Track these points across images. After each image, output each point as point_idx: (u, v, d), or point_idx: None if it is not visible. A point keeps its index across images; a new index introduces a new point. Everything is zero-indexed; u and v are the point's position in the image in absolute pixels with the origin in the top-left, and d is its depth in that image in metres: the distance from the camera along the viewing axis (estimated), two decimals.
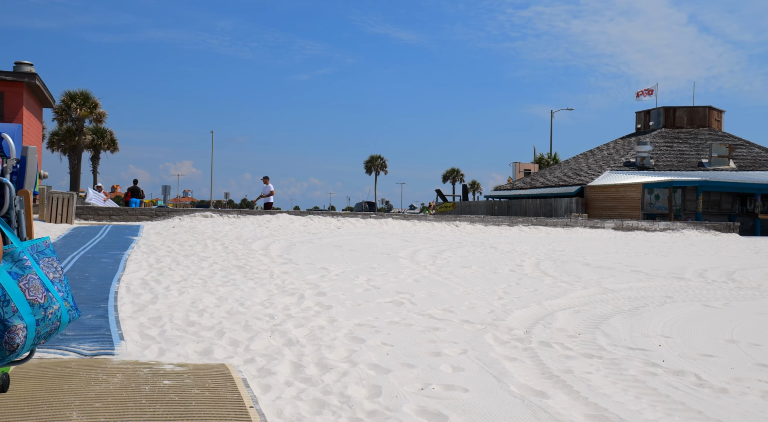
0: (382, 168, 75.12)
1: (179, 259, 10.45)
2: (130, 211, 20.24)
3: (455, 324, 6.45)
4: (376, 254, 12.76)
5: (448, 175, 79.98)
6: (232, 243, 13.27)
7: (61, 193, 16.36)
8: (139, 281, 8.20)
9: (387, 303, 7.46)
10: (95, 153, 50.55)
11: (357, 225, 20.75)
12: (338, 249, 13.21)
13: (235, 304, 7.03)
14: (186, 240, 13.16)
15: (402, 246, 14.78)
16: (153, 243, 12.53)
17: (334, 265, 10.68)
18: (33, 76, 27.59)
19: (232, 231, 16.33)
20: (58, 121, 40.70)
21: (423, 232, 19.91)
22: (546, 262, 12.61)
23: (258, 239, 14.40)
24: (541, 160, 52.26)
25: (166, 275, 8.79)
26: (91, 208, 19.92)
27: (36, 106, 31.88)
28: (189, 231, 15.35)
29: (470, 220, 23.37)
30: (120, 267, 9.18)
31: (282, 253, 11.96)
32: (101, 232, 14.13)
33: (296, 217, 21.14)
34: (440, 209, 45.45)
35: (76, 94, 38.06)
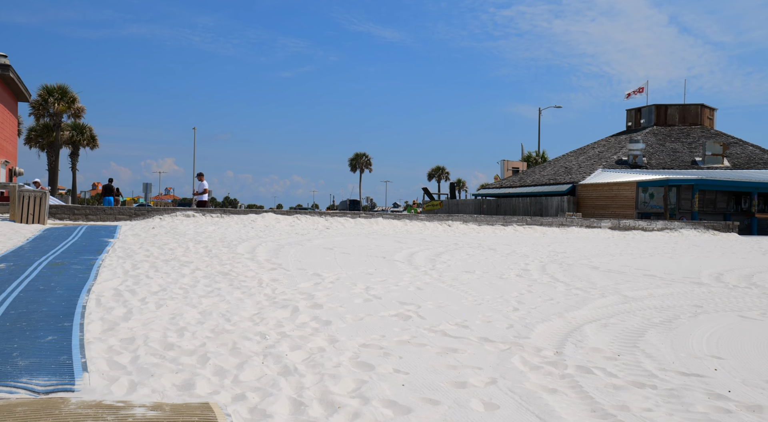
0: (367, 166, 74.23)
1: (158, 265, 9.54)
2: (108, 210, 19.23)
3: (474, 343, 5.64)
4: (371, 257, 11.93)
5: (433, 173, 79.25)
6: (216, 245, 12.36)
7: (32, 190, 15.33)
8: (112, 292, 7.30)
9: (392, 317, 6.64)
10: (74, 149, 49.15)
11: (346, 226, 19.90)
12: (330, 252, 12.36)
13: (220, 320, 6.17)
14: (166, 243, 12.23)
15: (397, 248, 13.96)
16: (130, 246, 11.59)
17: (328, 271, 9.83)
18: (6, 67, 26.39)
19: (215, 232, 15.41)
20: (35, 116, 39.35)
21: (415, 233, 19.10)
22: (552, 266, 11.86)
23: (243, 241, 13.50)
24: (529, 158, 51.71)
25: (143, 284, 7.89)
26: (66, 207, 18.89)
27: (10, 100, 30.63)
28: (170, 233, 14.41)
29: (463, 220, 22.61)
30: (92, 275, 8.26)
31: (270, 257, 11.08)
32: (75, 234, 13.15)
33: (282, 217, 20.24)
34: (427, 207, 44.69)
35: (54, 89, 36.76)
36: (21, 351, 4.68)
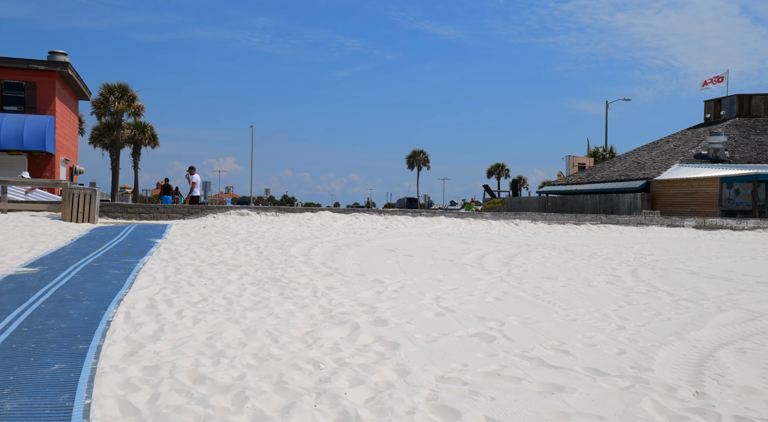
0: (425, 163, 72.85)
1: (203, 269, 8.62)
2: (162, 208, 18.68)
3: (582, 376, 4.40)
4: (437, 260, 10.75)
5: (492, 171, 77.19)
6: (269, 246, 11.41)
7: (82, 187, 14.80)
8: (146, 302, 6.36)
9: (472, 338, 5.46)
10: (135, 148, 49.67)
11: (407, 225, 18.75)
12: (391, 255, 11.24)
13: (266, 340, 5.12)
14: (215, 244, 11.36)
15: (464, 249, 12.73)
16: (177, 247, 10.76)
17: (390, 277, 8.71)
18: (65, 65, 26.37)
19: (269, 231, 14.51)
20: (96, 115, 39.77)
21: (481, 232, 17.79)
22: (643, 271, 10.41)
23: (298, 241, 12.53)
24: (596, 153, 49.28)
25: (183, 293, 6.94)
26: (119, 206, 18.43)
27: (70, 98, 30.79)
28: (221, 233, 13.58)
29: (531, 218, 21.14)
30: (127, 281, 7.37)
31: (326, 260, 10.04)
32: (122, 234, 12.46)
33: (340, 215, 19.26)
34: (488, 205, 43.12)
35: (114, 87, 36.98)
36: (15, 387, 3.72)
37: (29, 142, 24.63)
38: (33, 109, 26.19)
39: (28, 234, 11.83)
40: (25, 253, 9.53)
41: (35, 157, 26.18)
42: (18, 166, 26.21)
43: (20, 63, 25.77)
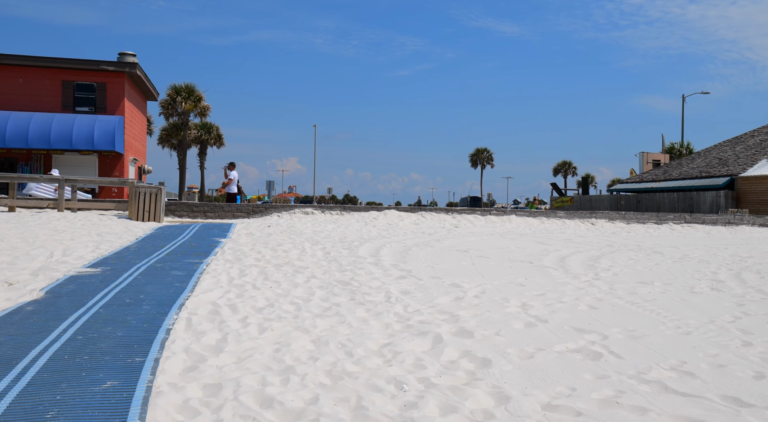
0: (488, 161, 71.41)
1: (269, 271, 8.14)
2: (227, 207, 18.51)
3: (722, 407, 3.63)
4: (515, 262, 9.98)
5: (559, 169, 74.95)
6: (335, 246, 10.90)
7: (148, 186, 14.70)
8: (209, 308, 5.89)
9: (573, 354, 4.73)
10: (202, 148, 50.50)
11: (476, 224, 17.96)
12: (465, 256, 10.54)
13: (340, 354, 4.53)
14: (281, 244, 10.92)
15: (541, 250, 11.89)
16: (241, 247, 10.36)
17: (468, 280, 8.02)
18: (134, 65, 26.74)
19: (334, 231, 14.02)
20: (164, 116, 40.51)
21: (556, 232, 16.83)
22: (748, 275, 9.37)
23: (365, 241, 11.97)
24: (671, 149, 46.92)
25: (248, 297, 6.45)
26: (185, 204, 18.37)
27: (139, 99, 31.31)
28: (286, 232, 13.17)
29: (608, 217, 19.98)
30: (190, 284, 6.95)
31: (397, 262, 9.43)
32: (186, 233, 12.19)
33: (406, 214, 18.64)
34: (557, 204, 41.67)
35: (181, 88, 37.54)
36: (61, 409, 3.25)
37: (99, 142, 25.07)
38: (103, 109, 26.68)
39: (95, 233, 11.70)
40: (90, 253, 9.31)
41: (105, 157, 26.67)
42: (89, 165, 26.76)
43: (91, 64, 26.29)
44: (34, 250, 9.24)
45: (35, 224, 12.57)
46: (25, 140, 24.63)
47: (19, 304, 5.86)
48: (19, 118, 24.96)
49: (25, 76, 26.20)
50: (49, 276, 7.36)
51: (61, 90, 26.43)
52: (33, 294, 6.33)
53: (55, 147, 24.90)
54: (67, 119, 25.42)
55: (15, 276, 7.30)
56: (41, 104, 26.28)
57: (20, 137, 24.62)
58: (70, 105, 26.50)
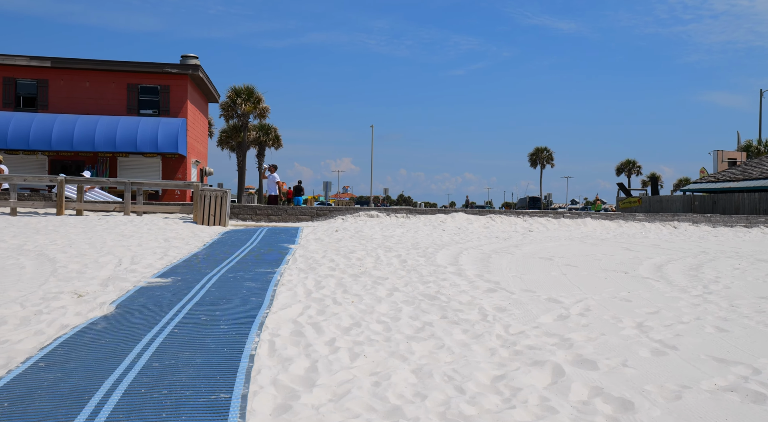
0: (548, 160, 69.49)
1: (346, 282, 7.57)
2: (290, 210, 18.16)
3: None
4: (608, 272, 9.14)
5: (622, 167, 72.34)
6: (410, 253, 10.27)
7: (213, 190, 14.40)
8: (291, 327, 5.34)
9: (727, 394, 3.95)
10: (260, 149, 50.75)
11: (549, 227, 17.05)
12: (551, 264, 9.75)
13: (449, 390, 3.89)
14: (352, 251, 10.35)
15: (631, 258, 10.98)
16: (312, 254, 9.85)
17: (565, 294, 7.26)
18: (196, 67, 26.78)
19: (404, 235, 13.40)
20: (224, 118, 40.73)
21: (638, 236, 15.77)
22: None
23: (440, 247, 11.31)
24: (748, 147, 44.46)
25: (330, 313, 5.87)
26: (249, 207, 18.08)
27: (201, 101, 31.46)
28: (355, 237, 12.62)
29: (691, 220, 18.74)
30: (266, 298, 6.42)
31: (480, 271, 8.73)
32: (253, 238, 11.78)
33: (474, 217, 17.88)
34: (624, 205, 40.00)
35: (241, 90, 37.63)
36: None
37: (163, 144, 25.19)
38: (167, 112, 26.83)
39: (162, 238, 11.41)
40: (158, 260, 8.95)
41: (168, 159, 26.81)
42: (153, 168, 26.97)
43: (155, 67, 26.47)
44: (103, 257, 8.94)
45: (102, 228, 12.40)
46: (92, 143, 24.95)
47: (90, 321, 5.44)
48: (86, 122, 25.31)
49: (92, 80, 26.59)
50: (119, 287, 6.99)
51: (126, 93, 26.71)
52: (103, 309, 5.92)
53: (120, 150, 25.15)
54: (131, 122, 25.65)
55: (84, 286, 6.95)
56: (107, 107, 26.61)
57: (87, 140, 24.95)
58: (134, 108, 26.75)
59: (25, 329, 5.18)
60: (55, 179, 15.60)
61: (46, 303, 6.08)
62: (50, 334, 5.06)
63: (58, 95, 26.38)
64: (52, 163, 26.27)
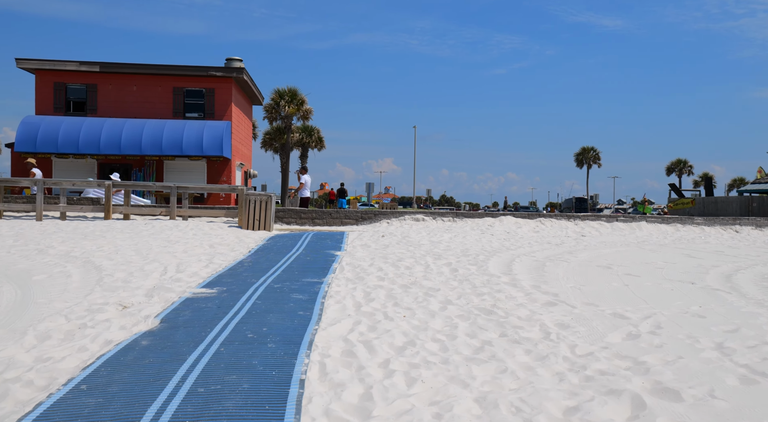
0: (595, 160, 67.88)
1: (396, 293, 7.25)
2: (335, 213, 17.95)
3: None
4: (674, 282, 8.60)
5: (673, 167, 70.16)
6: (460, 261, 9.88)
7: (258, 194, 14.26)
8: (341, 346, 5.03)
9: None
10: (303, 151, 50.89)
11: (602, 232, 16.41)
12: (610, 274, 9.24)
13: None
14: (401, 258, 10.02)
15: (695, 265, 10.36)
16: (360, 262, 9.55)
17: (630, 308, 6.79)
18: (241, 70, 26.85)
19: (453, 241, 13.02)
20: (268, 120, 40.88)
21: (699, 241, 15.03)
22: None
23: (491, 254, 10.89)
24: None
25: (382, 330, 5.55)
26: (293, 211, 17.94)
27: (245, 103, 31.60)
28: (402, 243, 12.29)
29: (755, 224, 17.82)
30: (314, 312, 6.14)
31: (536, 281, 8.30)
32: (299, 245, 11.56)
33: (523, 221, 17.36)
34: (676, 206, 38.71)
35: (284, 92, 37.66)
36: None
37: (208, 147, 25.32)
38: (212, 115, 26.99)
39: (207, 244, 11.28)
40: (203, 268, 8.79)
41: (213, 162, 26.96)
42: (198, 171, 27.16)
43: (200, 70, 26.65)
44: (148, 265, 8.82)
45: (148, 234, 12.36)
46: (139, 147, 25.24)
47: (134, 336, 5.24)
48: (134, 125, 25.63)
49: (139, 84, 26.92)
50: (164, 298, 6.81)
51: (172, 97, 26.97)
52: (148, 322, 5.73)
53: (166, 153, 25.38)
54: (177, 125, 25.87)
55: (129, 297, 6.79)
56: (153, 111, 26.92)
57: (134, 144, 25.26)
58: (180, 111, 26.99)
59: (69, 345, 5.01)
60: (103, 183, 15.72)
61: (90, 316, 5.93)
62: (94, 351, 4.87)
63: (106, 99, 26.80)
64: (101, 166, 26.69)
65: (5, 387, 4.00)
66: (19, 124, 25.25)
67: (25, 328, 5.49)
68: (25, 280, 7.67)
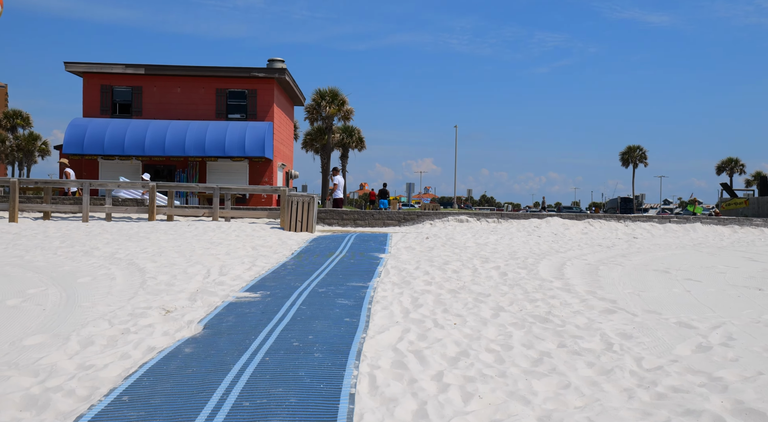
0: (641, 159, 66.11)
1: (445, 299, 6.96)
2: (377, 214, 17.73)
3: None
4: (737, 287, 8.11)
5: (723, 166, 67.89)
6: (509, 264, 9.54)
7: (300, 195, 14.14)
8: (391, 357, 4.78)
9: None
10: (344, 151, 50.91)
11: (654, 233, 15.80)
12: (669, 279, 8.78)
13: None
14: (447, 262, 9.73)
15: (761, 270, 9.81)
16: (405, 266, 9.30)
17: (695, 316, 6.37)
18: (283, 71, 26.87)
19: (499, 243, 12.65)
20: (309, 120, 40.98)
21: (759, 244, 14.32)
22: None
23: (540, 257, 10.50)
24: None
25: (432, 339, 5.28)
26: (335, 212, 17.79)
27: (287, 104, 31.66)
28: (447, 245, 11.99)
29: None
30: (361, 319, 5.90)
31: (591, 286, 7.91)
32: (342, 246, 11.36)
33: (571, 222, 16.85)
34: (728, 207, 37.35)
35: (325, 92, 37.69)
36: None
37: (250, 148, 25.41)
38: (254, 116, 27.09)
39: (249, 246, 11.17)
40: (246, 271, 8.65)
41: (255, 163, 27.05)
42: (240, 172, 27.29)
43: (242, 71, 26.77)
44: (191, 267, 8.73)
45: (191, 235, 12.33)
46: (182, 148, 25.47)
47: (177, 343, 5.09)
48: (177, 127, 25.88)
49: (183, 86, 27.19)
50: (207, 301, 6.67)
51: (215, 98, 27.16)
52: (191, 328, 5.57)
53: (209, 154, 25.55)
54: (220, 127, 26.02)
55: (172, 301, 6.67)
56: (197, 112, 27.15)
57: (178, 145, 25.50)
58: (223, 112, 27.16)
59: (112, 351, 4.88)
60: (147, 185, 15.82)
61: (133, 321, 5.81)
62: (136, 358, 4.73)
63: (151, 101, 27.14)
64: (146, 167, 27.04)
65: (47, 398, 3.87)
66: (67, 127, 25.75)
67: (69, 333, 5.40)
68: (70, 283, 7.63)
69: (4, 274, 8.11)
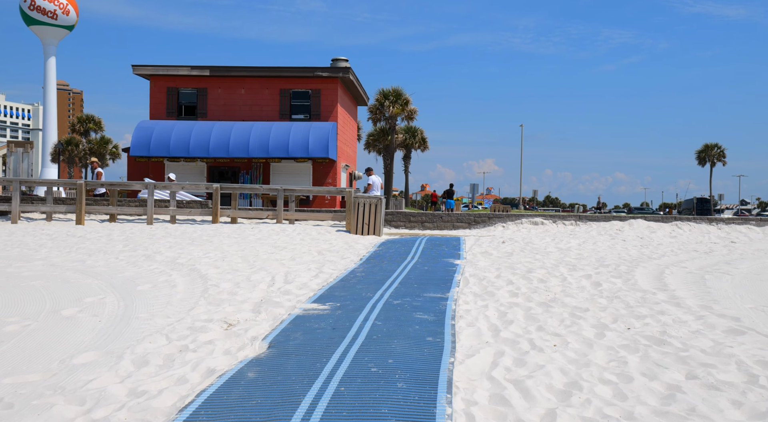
0: (720, 158, 62.82)
1: (536, 314, 6.14)
2: (446, 217, 16.94)
3: None
4: None
5: None
6: (600, 273, 8.61)
7: (367, 196, 13.50)
8: (488, 388, 4.02)
9: None
10: (406, 152, 50.23)
11: (753, 237, 14.43)
12: None
13: None
14: (530, 269, 8.87)
15: None
16: (485, 273, 8.49)
17: None
18: (347, 70, 26.40)
19: (582, 248, 11.66)
20: (372, 121, 40.47)
21: None
22: None
23: (633, 265, 9.51)
24: None
25: (532, 365, 4.48)
26: (402, 214, 17.09)
27: (350, 104, 31.22)
28: (526, 250, 11.10)
29: None
30: (446, 337, 5.16)
31: (703, 300, 6.92)
32: (413, 251, 10.64)
33: (657, 225, 15.62)
34: None
35: (389, 92, 37.08)
36: None
37: (314, 149, 25.03)
38: (317, 116, 26.73)
39: (315, 250, 10.59)
40: (313, 278, 8.04)
41: (319, 164, 26.69)
42: (304, 173, 26.98)
43: (306, 71, 26.46)
44: (255, 274, 8.19)
45: (255, 239, 11.87)
46: (246, 149, 25.31)
47: (239, 365, 4.47)
48: (241, 128, 25.75)
49: (247, 87, 27.09)
50: (272, 314, 6.07)
51: (279, 99, 26.94)
52: (255, 347, 4.96)
53: (273, 155, 25.32)
54: (283, 127, 25.76)
55: (235, 313, 6.10)
56: (261, 114, 26.99)
57: (242, 147, 25.36)
58: (287, 113, 26.91)
59: (168, 373, 4.31)
60: (211, 187, 15.53)
61: (193, 336, 5.25)
62: (194, 383, 4.13)
63: (215, 103, 27.14)
64: (210, 169, 27.06)
65: None
66: (134, 129, 26.01)
67: (122, 351, 4.87)
68: (129, 290, 7.19)
69: (64, 280, 7.77)
